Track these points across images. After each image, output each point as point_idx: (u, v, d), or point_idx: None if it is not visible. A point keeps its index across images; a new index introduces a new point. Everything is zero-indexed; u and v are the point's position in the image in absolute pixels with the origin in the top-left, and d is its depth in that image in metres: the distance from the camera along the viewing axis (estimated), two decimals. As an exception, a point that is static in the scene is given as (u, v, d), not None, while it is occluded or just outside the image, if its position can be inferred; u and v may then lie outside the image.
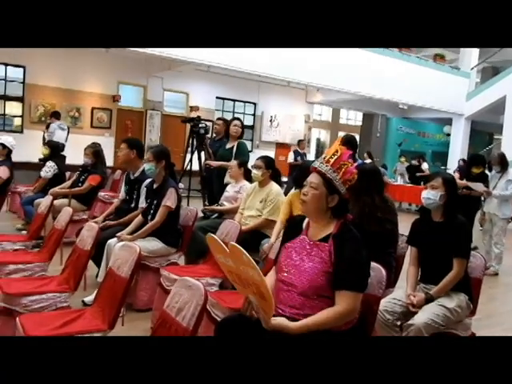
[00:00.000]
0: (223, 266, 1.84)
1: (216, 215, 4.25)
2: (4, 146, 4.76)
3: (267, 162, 3.99)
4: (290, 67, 9.89)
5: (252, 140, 13.76)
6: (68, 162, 6.98)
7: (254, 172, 3.95)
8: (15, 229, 5.28)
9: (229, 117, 8.79)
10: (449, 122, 14.49)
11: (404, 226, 3.04)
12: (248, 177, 4.35)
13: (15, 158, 4.92)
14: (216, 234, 3.42)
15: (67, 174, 5.85)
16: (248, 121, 13.45)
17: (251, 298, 1.76)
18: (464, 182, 5.69)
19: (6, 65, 10.19)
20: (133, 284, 2.70)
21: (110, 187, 6.93)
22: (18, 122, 10.66)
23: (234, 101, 13.72)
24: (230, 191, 4.46)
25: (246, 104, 13.99)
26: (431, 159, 15.12)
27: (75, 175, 5.31)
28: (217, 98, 13.23)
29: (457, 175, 7.44)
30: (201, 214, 4.18)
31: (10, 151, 4.79)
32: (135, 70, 11.17)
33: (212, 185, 5.37)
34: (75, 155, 6.90)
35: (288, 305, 1.87)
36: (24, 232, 4.83)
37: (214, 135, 6.03)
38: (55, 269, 3.17)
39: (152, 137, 11.98)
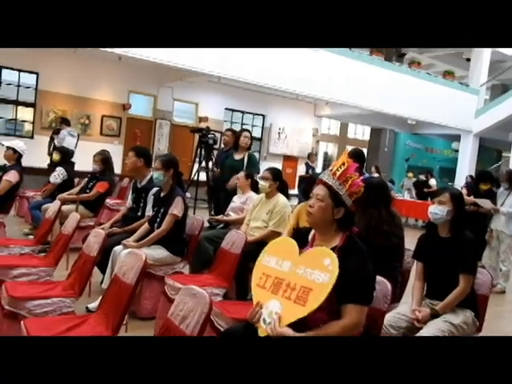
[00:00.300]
0: (260, 268, 1.95)
1: (222, 225, 4.26)
2: (15, 150, 4.81)
3: (275, 174, 4.00)
4: (299, 80, 9.95)
5: (260, 152, 13.80)
6: (77, 168, 7.04)
7: (262, 183, 3.95)
8: (22, 233, 5.32)
9: (237, 128, 8.86)
10: (457, 138, 14.46)
11: (410, 241, 3.03)
12: (255, 188, 4.36)
13: (24, 162, 4.96)
14: (221, 245, 3.43)
15: (75, 180, 5.90)
16: (256, 133, 13.51)
17: (271, 303, 1.78)
18: (472, 198, 5.67)
19: (20, 71, 10.35)
20: (137, 292, 2.71)
21: (117, 195, 6.97)
22: (28, 127, 10.79)
23: (242, 112, 13.80)
24: (236, 202, 4.47)
25: (255, 116, 14.06)
26: (439, 175, 15.07)
27: (83, 181, 5.35)
28: (226, 109, 13.31)
29: (464, 191, 7.41)
30: (207, 224, 4.19)
31: (20, 156, 4.84)
32: (146, 79, 11.29)
33: (219, 195, 5.38)
34: (84, 162, 6.96)
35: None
36: (31, 237, 4.86)
37: (223, 146, 6.06)
38: (61, 274, 3.19)
39: (160, 146, 12.06)
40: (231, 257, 3.24)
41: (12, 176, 4.58)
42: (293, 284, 1.78)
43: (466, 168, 13.43)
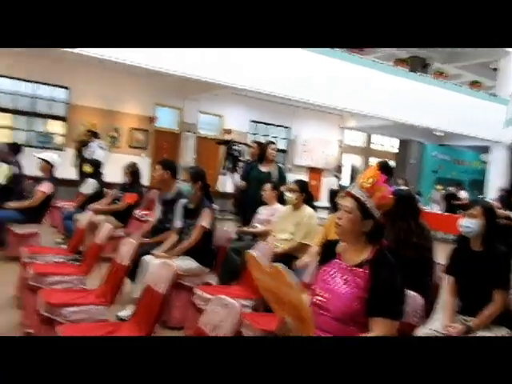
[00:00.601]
0: (260, 283, 1.88)
1: (249, 237, 4.30)
2: (48, 162, 4.99)
3: (301, 186, 4.03)
4: (324, 92, 9.99)
5: (284, 164, 13.86)
6: (105, 179, 7.21)
7: (288, 195, 3.99)
8: (54, 243, 5.48)
9: (262, 140, 8.92)
10: (486, 149, 14.20)
11: (440, 255, 3.00)
12: (281, 200, 4.40)
13: (56, 174, 5.13)
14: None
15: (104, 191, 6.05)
16: (281, 145, 13.58)
17: (288, 319, 1.78)
18: (504, 211, 5.55)
19: (52, 85, 10.73)
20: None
21: (145, 206, 7.09)
22: (59, 140, 11.14)
23: (267, 124, 13.90)
24: (262, 213, 4.51)
25: (280, 128, 14.15)
26: (468, 187, 14.79)
27: (113, 193, 5.49)
28: (250, 121, 13.44)
29: (497, 204, 7.25)
30: (234, 236, 4.25)
31: (53, 168, 5.02)
32: (172, 92, 11.52)
33: (245, 207, 5.44)
34: (113, 173, 7.13)
35: (322, 329, 1.87)
36: (63, 246, 5.01)
37: (248, 158, 6.13)
38: (93, 283, 3.27)
39: (187, 158, 12.24)
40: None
41: (46, 187, 4.75)
42: (284, 300, 1.72)
43: (496, 180, 13.14)
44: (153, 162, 11.11)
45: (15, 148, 6.37)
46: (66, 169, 8.45)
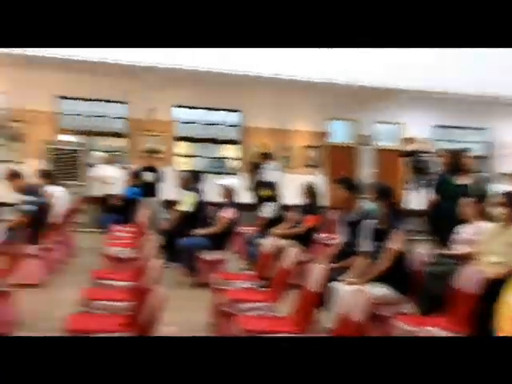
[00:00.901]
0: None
1: (449, 260, 4.11)
2: (229, 188, 5.55)
3: (511, 198, 3.73)
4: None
5: (486, 173, 12.73)
6: (283, 201, 7.62)
7: (497, 210, 3.74)
8: (239, 268, 5.99)
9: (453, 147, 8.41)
10: None
11: None
12: (485, 216, 4.14)
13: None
14: (453, 283, 3.30)
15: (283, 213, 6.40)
16: (478, 150, 12.60)
17: None
18: None
19: (224, 110, 11.93)
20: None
21: (325, 228, 7.27)
22: (234, 164, 12.22)
23: (457, 128, 13.05)
24: (463, 233, 4.31)
25: (473, 131, 13.14)
26: None
27: (292, 216, 5.79)
28: (435, 126, 12.78)
29: None
30: (431, 259, 4.10)
31: (234, 193, 5.56)
32: (344, 104, 11.68)
33: (440, 225, 5.21)
34: (289, 195, 7.52)
35: None
36: (248, 272, 5.44)
37: (440, 169, 5.89)
38: (283, 310, 3.49)
39: (366, 173, 12.17)
40: (466, 297, 3.09)
41: (229, 213, 5.28)
42: None
43: None
44: (328, 180, 11.34)
45: (196, 175, 7.21)
46: (241, 193, 9.22)
